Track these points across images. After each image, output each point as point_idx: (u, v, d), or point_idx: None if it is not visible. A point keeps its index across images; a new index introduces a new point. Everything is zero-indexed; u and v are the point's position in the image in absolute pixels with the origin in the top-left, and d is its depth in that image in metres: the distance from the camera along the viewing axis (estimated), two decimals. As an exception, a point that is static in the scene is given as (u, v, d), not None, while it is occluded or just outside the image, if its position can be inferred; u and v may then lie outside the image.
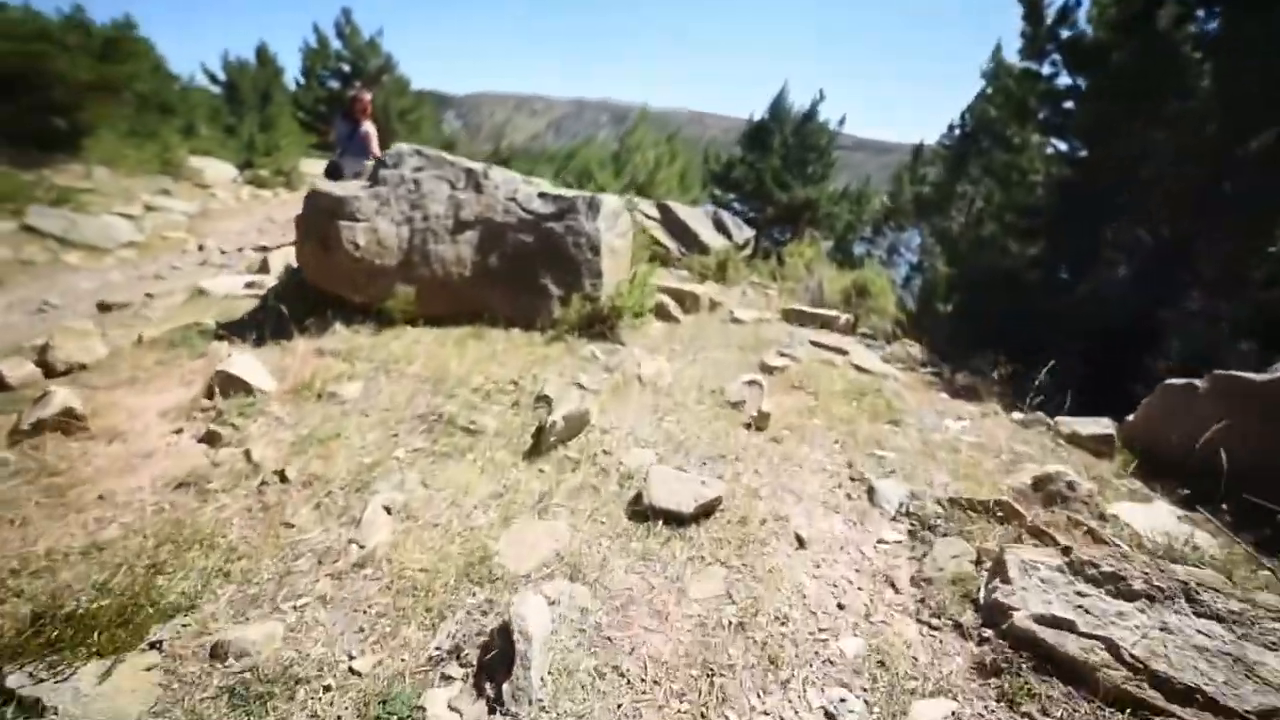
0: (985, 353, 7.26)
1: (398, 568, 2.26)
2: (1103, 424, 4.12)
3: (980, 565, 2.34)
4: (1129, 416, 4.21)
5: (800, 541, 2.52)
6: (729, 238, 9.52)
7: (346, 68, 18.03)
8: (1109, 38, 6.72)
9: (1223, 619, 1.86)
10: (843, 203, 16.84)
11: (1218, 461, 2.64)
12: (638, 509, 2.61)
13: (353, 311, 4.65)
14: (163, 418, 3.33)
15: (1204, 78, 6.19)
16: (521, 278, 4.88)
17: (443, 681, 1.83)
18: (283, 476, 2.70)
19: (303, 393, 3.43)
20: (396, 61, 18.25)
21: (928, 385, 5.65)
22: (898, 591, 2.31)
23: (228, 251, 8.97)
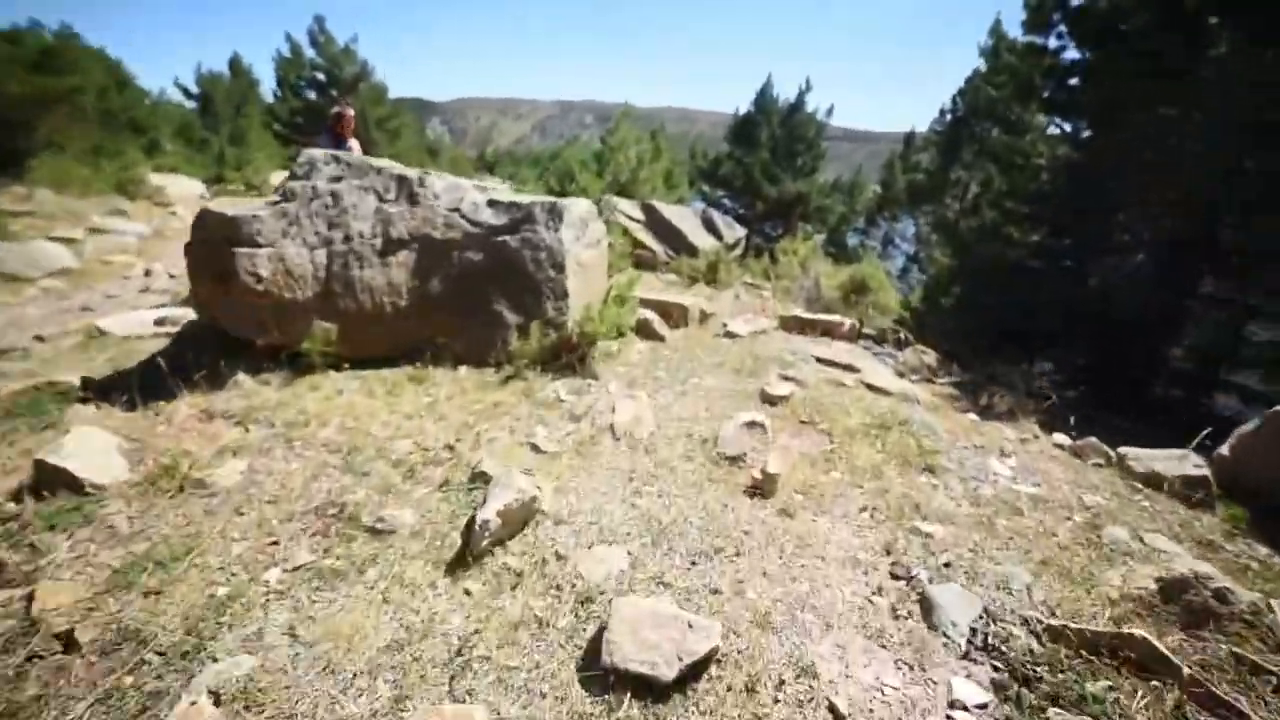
0: (1000, 351, 6.80)
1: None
2: (1191, 461, 3.30)
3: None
4: (1220, 449, 3.41)
5: (837, 718, 1.68)
6: (719, 237, 8.71)
7: (321, 76, 17.33)
8: (1123, 3, 6.07)
9: None
10: (835, 195, 16.14)
11: None
12: (595, 673, 1.76)
13: (264, 356, 3.80)
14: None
15: (1224, 45, 5.55)
16: (470, 304, 4.04)
17: None
18: (69, 641, 1.82)
19: (160, 483, 2.56)
20: (373, 68, 17.63)
21: (952, 403, 5.01)
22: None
23: (177, 275, 8.04)
